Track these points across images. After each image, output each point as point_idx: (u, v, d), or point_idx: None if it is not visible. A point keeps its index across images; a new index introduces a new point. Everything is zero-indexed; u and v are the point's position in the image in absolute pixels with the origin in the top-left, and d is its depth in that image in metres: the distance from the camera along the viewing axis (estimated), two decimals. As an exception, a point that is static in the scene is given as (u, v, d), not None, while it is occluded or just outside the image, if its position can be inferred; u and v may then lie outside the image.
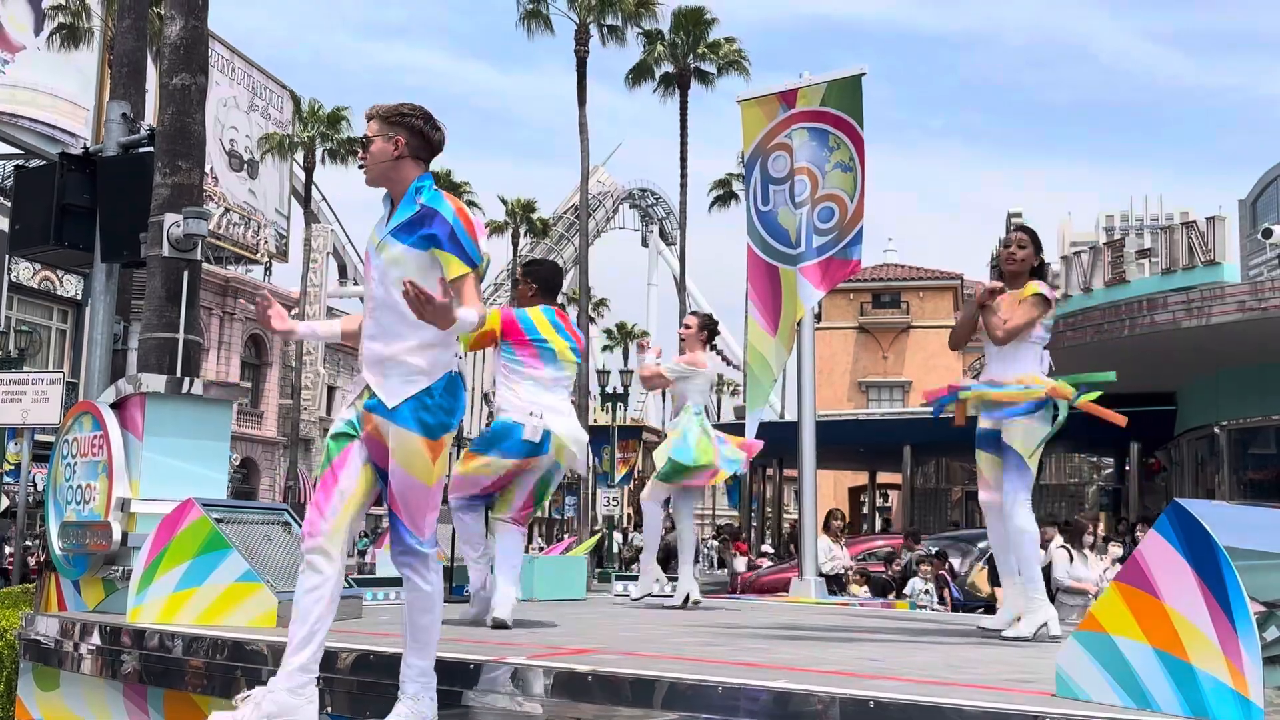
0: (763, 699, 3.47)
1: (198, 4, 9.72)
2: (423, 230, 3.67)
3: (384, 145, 3.75)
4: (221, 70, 40.53)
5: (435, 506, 3.72)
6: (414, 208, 3.71)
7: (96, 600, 5.95)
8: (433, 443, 3.63)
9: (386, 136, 3.76)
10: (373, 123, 3.80)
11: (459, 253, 3.65)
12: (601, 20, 35.82)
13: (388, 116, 3.79)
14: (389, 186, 3.80)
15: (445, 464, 3.70)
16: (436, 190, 3.74)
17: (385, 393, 3.64)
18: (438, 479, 3.68)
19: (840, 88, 10.41)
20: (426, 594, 3.68)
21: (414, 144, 3.78)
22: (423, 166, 3.81)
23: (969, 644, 5.62)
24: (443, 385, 3.67)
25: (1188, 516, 3.09)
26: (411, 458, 3.61)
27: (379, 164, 3.76)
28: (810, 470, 10.74)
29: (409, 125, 3.77)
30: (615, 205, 78.91)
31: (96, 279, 10.04)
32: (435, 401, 3.64)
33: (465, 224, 3.66)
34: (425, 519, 3.68)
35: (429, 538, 3.70)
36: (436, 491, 3.70)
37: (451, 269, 3.66)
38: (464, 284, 3.65)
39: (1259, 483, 21.01)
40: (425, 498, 3.66)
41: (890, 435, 29.40)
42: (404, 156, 3.76)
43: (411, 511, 3.66)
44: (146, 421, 5.92)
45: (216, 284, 37.94)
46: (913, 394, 47.81)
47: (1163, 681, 3.09)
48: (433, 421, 3.62)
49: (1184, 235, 20.54)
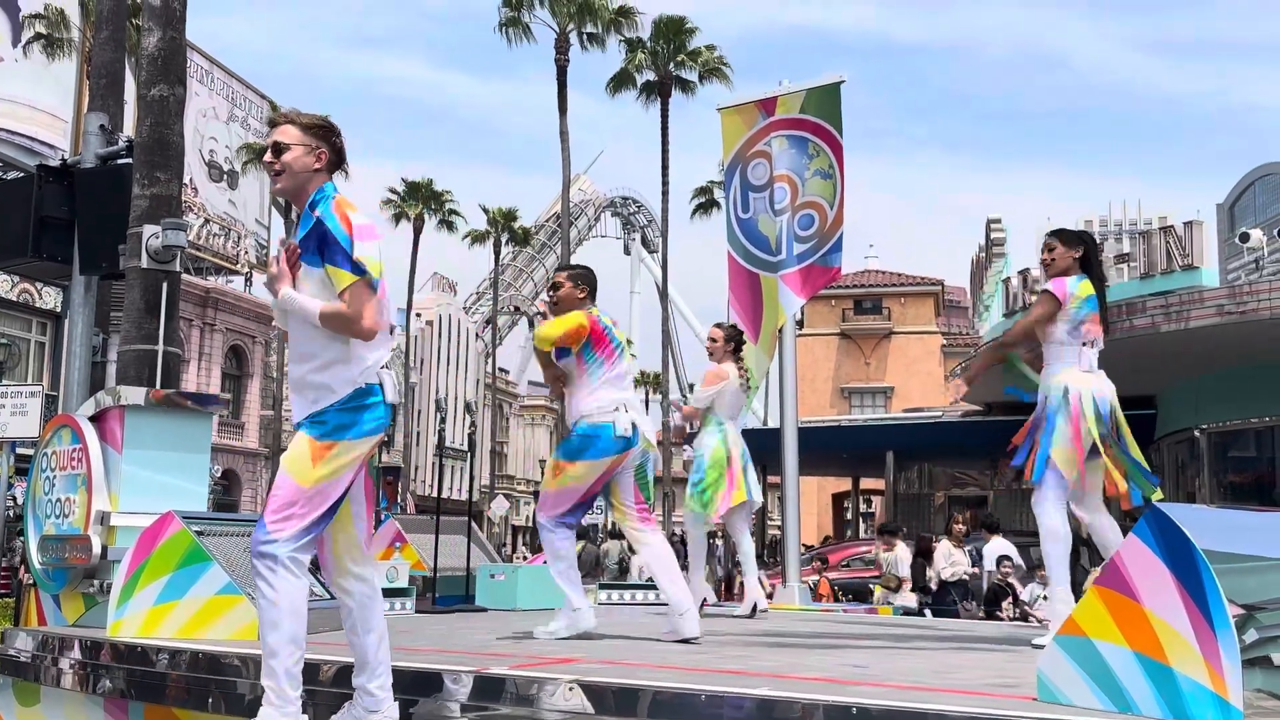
0: (746, 706, 3.47)
1: (176, 15, 9.68)
2: (316, 244, 3.57)
3: (305, 157, 3.64)
4: (201, 81, 40.42)
5: (302, 513, 3.49)
6: (311, 220, 3.61)
7: (77, 614, 5.91)
8: (315, 442, 3.52)
9: (310, 148, 3.65)
10: (290, 128, 3.66)
11: (343, 262, 3.53)
12: (581, 28, 35.89)
13: (311, 127, 3.67)
14: (297, 199, 3.68)
15: (327, 474, 3.51)
16: (329, 198, 3.62)
17: (295, 411, 3.65)
18: (312, 482, 3.50)
19: (819, 95, 10.44)
20: (269, 600, 3.47)
21: (332, 160, 3.69)
22: (328, 178, 3.70)
23: (952, 649, 5.63)
24: (345, 400, 3.56)
25: (1166, 520, 3.11)
26: (292, 452, 3.54)
27: (298, 175, 3.64)
28: (793, 477, 10.75)
29: (332, 142, 3.69)
30: (597, 213, 79.00)
31: (75, 291, 9.99)
32: (331, 412, 3.56)
33: (347, 230, 3.54)
34: (282, 515, 3.48)
35: (282, 539, 3.46)
36: (307, 494, 3.49)
37: (338, 281, 3.53)
38: (350, 294, 3.51)
39: (1239, 485, 21.14)
40: (291, 494, 3.49)
41: (873, 441, 29.47)
42: (322, 171, 3.67)
43: (271, 501, 3.51)
44: (126, 434, 5.89)
45: (197, 295, 37.77)
46: (895, 399, 47.95)
47: (1143, 684, 3.11)
48: (323, 428, 3.54)
49: (1162, 240, 20.68)
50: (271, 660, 3.49)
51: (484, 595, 8.49)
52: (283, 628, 3.47)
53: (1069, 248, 5.84)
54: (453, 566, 8.90)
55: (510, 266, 70.54)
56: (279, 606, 3.46)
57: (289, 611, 3.48)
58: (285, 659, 3.48)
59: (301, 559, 3.52)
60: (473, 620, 7.20)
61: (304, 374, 3.63)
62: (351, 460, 3.57)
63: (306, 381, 3.62)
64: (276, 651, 3.48)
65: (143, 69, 9.72)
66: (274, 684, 3.48)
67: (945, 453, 29.36)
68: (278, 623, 3.47)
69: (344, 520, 3.66)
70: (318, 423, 3.56)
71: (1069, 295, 5.66)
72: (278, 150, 3.65)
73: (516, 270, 73.07)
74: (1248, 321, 17.15)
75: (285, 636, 3.48)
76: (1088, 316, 5.68)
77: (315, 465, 3.50)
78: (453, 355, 64.73)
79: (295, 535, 3.49)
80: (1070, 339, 5.66)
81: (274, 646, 3.48)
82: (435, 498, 12.09)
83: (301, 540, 3.51)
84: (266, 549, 3.47)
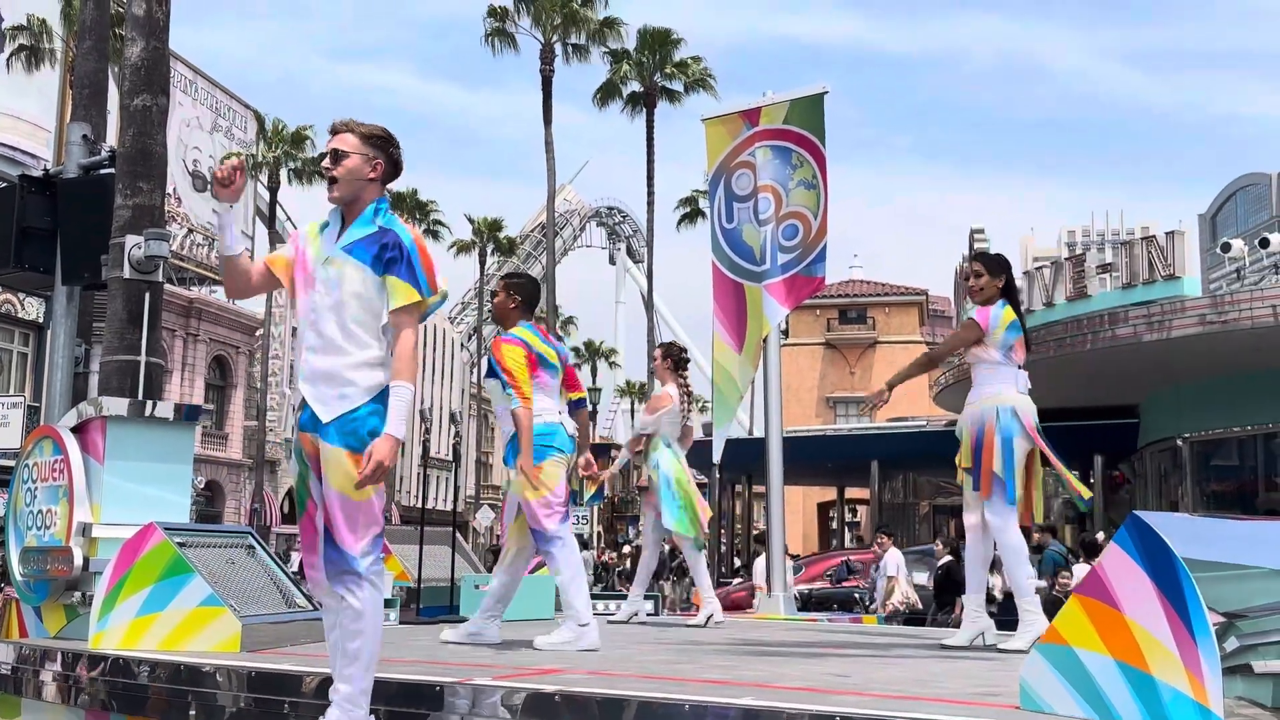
0: (730, 716, 3.47)
1: (159, 25, 9.67)
2: (378, 252, 3.62)
3: (362, 164, 3.69)
4: (184, 91, 40.31)
5: (368, 522, 3.58)
6: (372, 228, 3.66)
7: (58, 626, 5.87)
8: (357, 455, 3.54)
9: (366, 157, 3.70)
10: (349, 137, 3.71)
11: (412, 280, 3.61)
12: (566, 39, 35.98)
13: (370, 137, 3.73)
14: (351, 206, 3.73)
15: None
16: (394, 215, 3.71)
17: (320, 406, 3.61)
18: (369, 495, 3.57)
19: (802, 106, 10.48)
20: (357, 612, 3.55)
21: (388, 171, 3.76)
22: (383, 191, 3.78)
23: (934, 659, 5.64)
24: (373, 404, 3.59)
25: (1147, 529, 3.12)
26: (337, 472, 3.55)
27: (354, 181, 3.69)
28: (778, 486, 10.76)
29: (389, 153, 3.75)
30: (583, 223, 79.03)
31: (57, 302, 9.95)
32: (363, 419, 3.57)
33: (421, 254, 3.64)
34: (355, 534, 3.56)
35: (361, 554, 3.56)
36: (368, 507, 3.58)
37: (399, 296, 3.60)
38: (406, 314, 3.60)
39: (1221, 494, 21.23)
40: (354, 511, 3.56)
41: (858, 450, 29.52)
42: (376, 181, 3.73)
43: (338, 527, 3.56)
44: (108, 445, 5.85)
45: (180, 305, 37.65)
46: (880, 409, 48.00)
47: (1124, 693, 3.12)
48: (359, 438, 3.56)
49: (1144, 250, 20.78)
50: (348, 669, 3.57)
51: (468, 606, 8.47)
52: (366, 634, 3.56)
53: (994, 277, 6.11)
54: (437, 577, 8.88)
55: (495, 277, 70.50)
56: (364, 617, 3.56)
57: (372, 620, 3.58)
58: (364, 667, 3.58)
59: (378, 569, 3.62)
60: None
61: (338, 366, 3.61)
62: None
63: (341, 376, 3.61)
64: (357, 658, 3.56)
65: (126, 79, 9.71)
66: (349, 689, 3.56)
67: (930, 462, 29.40)
68: (361, 631, 3.56)
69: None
70: (350, 433, 3.56)
71: (993, 326, 5.93)
72: (336, 157, 3.70)
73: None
74: (1229, 331, 17.24)
75: (368, 644, 3.57)
76: (1015, 341, 5.96)
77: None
78: (438, 365, 64.64)
79: (369, 548, 3.59)
80: (1005, 360, 5.93)
81: (354, 652, 3.56)
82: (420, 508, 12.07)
83: (375, 552, 3.61)
84: (349, 567, 3.55)
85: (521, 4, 35.83)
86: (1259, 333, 16.99)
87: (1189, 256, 21.14)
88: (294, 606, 5.88)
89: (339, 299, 3.62)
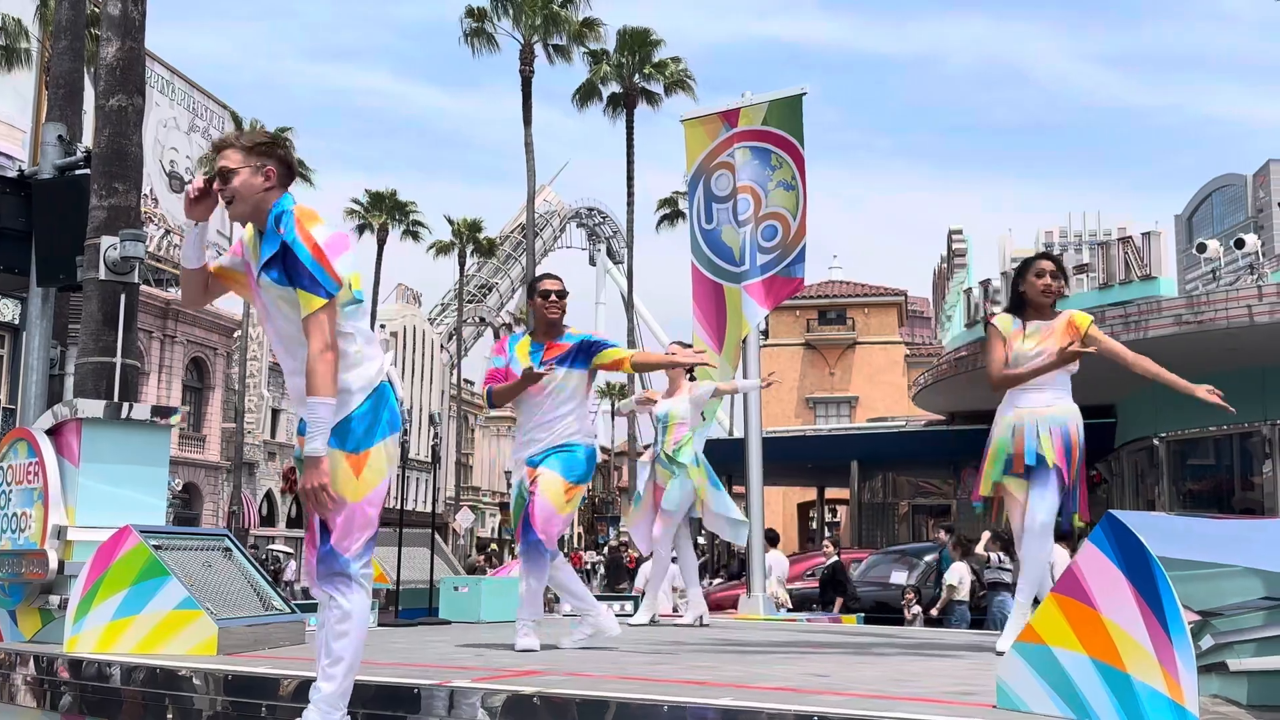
0: (709, 717, 3.47)
1: (134, 25, 9.61)
2: (280, 265, 3.52)
3: (252, 178, 3.58)
4: (161, 91, 40.11)
5: (363, 525, 3.56)
6: (275, 243, 3.55)
7: (33, 630, 5.83)
8: (352, 456, 3.52)
9: (255, 168, 3.59)
10: (232, 152, 3.60)
11: (310, 286, 3.47)
12: (547, 40, 35.96)
13: (253, 146, 3.63)
14: (256, 219, 3.63)
15: (373, 480, 3.56)
16: (291, 213, 3.57)
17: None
18: (363, 495, 3.54)
19: (781, 107, 10.50)
20: (345, 612, 3.53)
21: (282, 174, 3.65)
22: (284, 191, 3.66)
23: (913, 657, 5.66)
24: (365, 407, 3.57)
25: (1122, 528, 3.14)
26: (334, 475, 3.51)
27: (249, 198, 3.58)
28: (757, 487, 10.77)
29: (277, 155, 3.64)
30: (563, 224, 78.95)
31: (32, 303, 9.88)
32: (352, 421, 3.55)
33: (313, 251, 3.48)
34: (349, 536, 3.54)
35: (354, 557, 3.54)
36: (362, 508, 3.55)
37: (305, 306, 3.47)
38: (313, 322, 3.46)
39: (1198, 493, 21.38)
40: (347, 514, 3.53)
41: (837, 451, 29.58)
42: (274, 188, 3.61)
43: (332, 527, 3.53)
44: (83, 448, 5.82)
45: (157, 307, 37.43)
46: (859, 409, 48.18)
47: (1100, 691, 3.13)
48: (352, 439, 3.53)
49: (1120, 251, 20.88)
50: (332, 668, 3.54)
51: (447, 608, 8.45)
52: (351, 636, 3.54)
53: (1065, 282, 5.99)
54: (416, 579, 8.86)
55: (475, 278, 70.38)
56: (351, 618, 3.54)
57: (358, 622, 3.56)
58: (346, 668, 3.55)
59: (368, 573, 3.61)
60: (436, 633, 7.16)
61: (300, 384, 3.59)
62: (387, 459, 3.63)
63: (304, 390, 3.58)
64: (340, 658, 3.54)
65: (101, 79, 9.64)
66: (331, 689, 3.53)
67: (909, 462, 29.53)
68: (347, 632, 3.54)
69: None
70: (342, 436, 3.53)
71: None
72: (225, 177, 3.59)
73: (481, 281, 72.91)
74: (1205, 331, 17.36)
75: (351, 645, 3.54)
76: None
77: (357, 478, 3.54)
78: (417, 366, 64.47)
79: (362, 551, 3.57)
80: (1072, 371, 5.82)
81: (339, 653, 3.53)
82: (399, 510, 12.05)
83: (367, 555, 3.60)
84: (340, 569, 3.54)
85: (500, 4, 35.79)
86: (1234, 332, 17.12)
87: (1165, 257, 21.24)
88: (271, 609, 5.85)
89: (286, 322, 3.59)
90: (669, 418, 7.88)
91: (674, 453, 7.81)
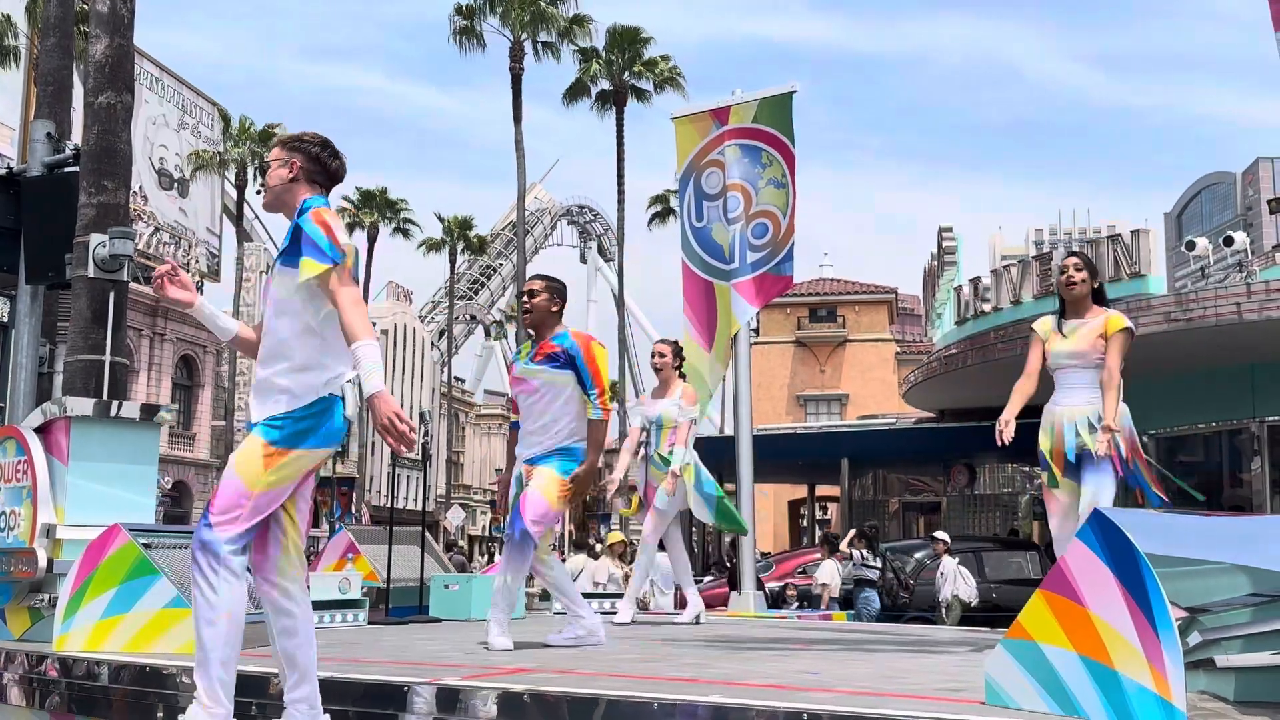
0: (699, 714, 3.47)
1: (124, 22, 9.58)
2: (289, 247, 3.62)
3: (278, 170, 3.73)
4: (151, 88, 39.99)
5: (245, 515, 3.47)
6: (291, 232, 3.66)
7: (22, 629, 5.82)
8: (269, 447, 3.50)
9: (283, 161, 3.74)
10: (274, 149, 3.83)
11: (314, 253, 3.52)
12: (536, 37, 35.90)
13: (286, 141, 3.81)
14: (284, 212, 3.75)
15: (275, 481, 3.50)
16: (310, 207, 3.65)
17: (252, 411, 3.62)
18: (261, 488, 3.48)
19: (772, 105, 10.51)
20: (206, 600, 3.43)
21: (309, 168, 3.73)
22: (318, 191, 3.75)
23: (902, 654, 5.67)
24: (305, 408, 3.55)
25: (1110, 525, 3.15)
26: (244, 452, 3.52)
27: (273, 188, 3.73)
28: (748, 484, 10.79)
29: (305, 150, 3.75)
30: (553, 222, 78.87)
31: (21, 301, 9.84)
32: (289, 418, 3.53)
33: (317, 223, 3.56)
34: (227, 516, 3.46)
35: (225, 538, 3.44)
36: (253, 499, 3.48)
37: (306, 270, 3.51)
38: (328, 280, 3.51)
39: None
40: (237, 495, 3.47)
41: (828, 448, 29.58)
42: (298, 180, 3.71)
43: (220, 503, 3.48)
44: (72, 446, 5.81)
45: (146, 304, 37.32)
46: (850, 407, 48.23)
47: (1088, 687, 3.14)
48: (279, 433, 3.52)
49: (1109, 248, 20.91)
50: (203, 657, 3.46)
51: (438, 606, 8.45)
52: (219, 625, 3.45)
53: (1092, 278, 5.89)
54: (406, 578, 8.84)
55: (466, 275, 70.30)
56: (216, 606, 3.44)
57: (226, 610, 3.45)
58: (217, 658, 3.45)
59: (241, 559, 3.50)
60: (426, 631, 7.15)
61: (271, 375, 3.61)
62: (301, 469, 3.57)
63: (273, 384, 3.60)
64: (209, 648, 3.44)
65: (90, 76, 9.61)
66: (206, 684, 3.45)
67: (899, 459, 29.55)
68: (214, 620, 3.45)
69: (286, 521, 3.63)
70: (274, 427, 3.53)
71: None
72: (263, 170, 3.80)
73: (472, 279, 72.83)
74: (1194, 329, 17.40)
75: (220, 635, 3.44)
76: None
77: (265, 471, 3.48)
78: (408, 364, 64.37)
79: (236, 537, 3.48)
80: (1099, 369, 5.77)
81: (208, 643, 3.45)
82: (389, 508, 12.05)
83: (240, 543, 3.50)
84: (210, 543, 3.44)
85: (489, 1, 35.73)
86: (1223, 330, 17.16)
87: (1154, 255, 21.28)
88: (260, 609, 5.84)
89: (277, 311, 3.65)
90: (663, 420, 7.93)
91: (668, 454, 7.84)
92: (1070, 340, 5.76)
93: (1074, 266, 5.85)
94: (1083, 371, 5.76)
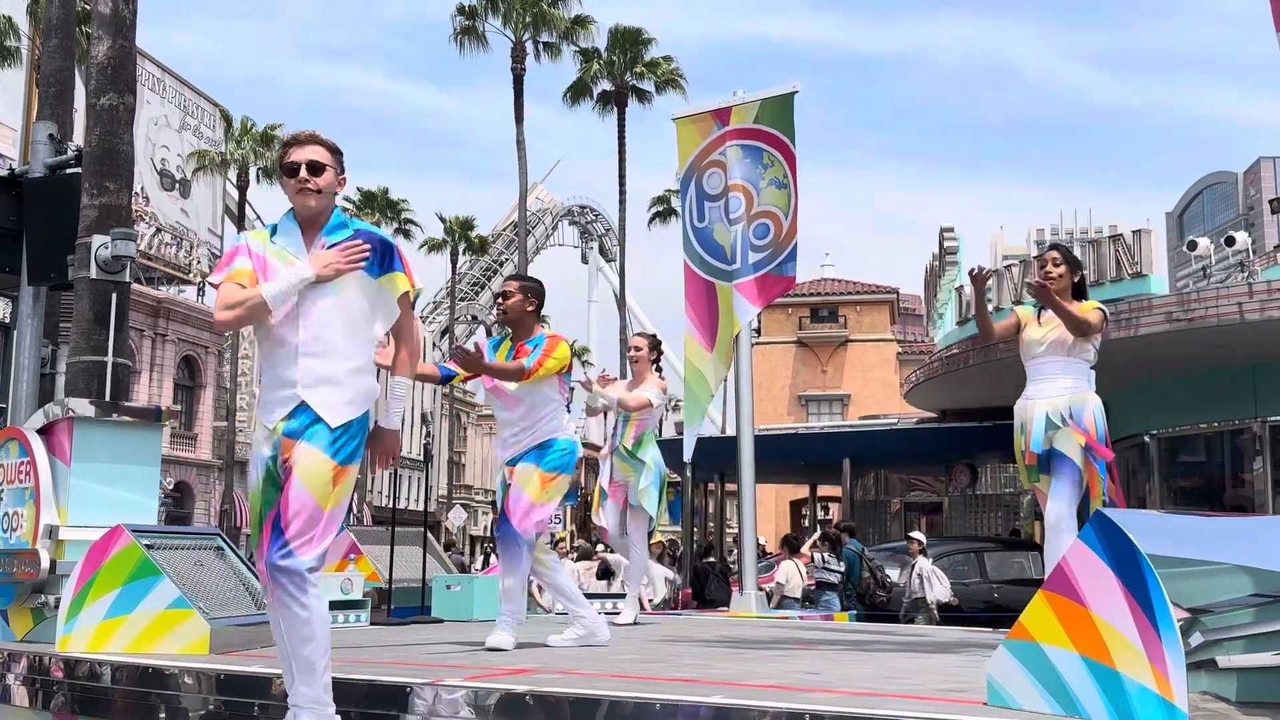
0: (701, 714, 3.48)
1: (126, 23, 9.59)
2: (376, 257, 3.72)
3: (333, 178, 3.76)
4: (152, 89, 40.01)
5: (324, 534, 3.57)
6: (348, 232, 3.74)
7: (25, 630, 5.82)
8: (339, 467, 3.59)
9: (336, 170, 3.78)
10: (319, 149, 3.74)
11: (405, 271, 3.78)
12: (537, 37, 35.91)
13: (336, 150, 3.81)
14: (321, 217, 3.76)
15: (344, 491, 3.61)
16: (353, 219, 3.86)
17: (327, 412, 3.60)
18: (333, 504, 3.58)
19: (773, 105, 10.51)
20: (303, 619, 3.51)
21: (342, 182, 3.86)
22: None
23: (904, 654, 5.68)
24: (361, 420, 3.68)
25: (1111, 525, 3.15)
26: (314, 475, 3.54)
27: (329, 194, 3.76)
28: (750, 484, 10.80)
29: (342, 165, 3.84)
30: (555, 222, 78.88)
31: (23, 302, 9.85)
32: (348, 434, 3.62)
33: (399, 250, 3.81)
34: (309, 538, 3.53)
35: (310, 558, 3.53)
36: (328, 517, 3.58)
37: (400, 284, 3.76)
38: (408, 301, 3.81)
39: (1188, 490, 21.41)
40: (314, 516, 3.54)
41: (829, 448, 29.56)
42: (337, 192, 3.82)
43: (298, 526, 3.52)
44: (74, 447, 5.82)
45: (148, 305, 37.34)
46: (851, 407, 48.23)
47: (1090, 688, 3.14)
48: (345, 451, 3.61)
49: (1111, 248, 20.90)
50: (307, 668, 3.54)
51: (440, 606, 8.45)
52: (317, 638, 3.54)
53: (1072, 271, 5.95)
54: (409, 578, 8.85)
55: (467, 276, 70.29)
56: (311, 622, 3.53)
57: (320, 623, 3.56)
58: (321, 665, 3.56)
59: (319, 573, 3.61)
60: (428, 631, 7.16)
61: (339, 371, 3.65)
62: (354, 478, 3.71)
63: (341, 380, 3.64)
64: (313, 659, 3.54)
65: (92, 77, 9.61)
66: (314, 693, 3.55)
67: (901, 459, 29.53)
68: (313, 636, 3.54)
69: None
70: (341, 443, 3.59)
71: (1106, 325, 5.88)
72: (316, 170, 3.72)
73: (473, 279, 72.84)
74: (1195, 329, 17.38)
75: (320, 645, 3.55)
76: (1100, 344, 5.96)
77: (335, 488, 3.58)
78: (409, 365, 64.21)
79: (317, 557, 3.56)
80: (1088, 360, 5.86)
81: (309, 656, 3.54)
82: (391, 509, 12.05)
83: (321, 561, 3.60)
84: (291, 568, 3.50)
85: (491, 2, 35.73)
86: (1225, 330, 17.16)
87: (1156, 255, 21.27)
88: (263, 609, 5.84)
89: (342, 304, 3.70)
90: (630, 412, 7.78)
91: (634, 448, 7.70)
92: (1048, 329, 5.81)
93: (1053, 261, 5.94)
94: (1058, 361, 5.80)
